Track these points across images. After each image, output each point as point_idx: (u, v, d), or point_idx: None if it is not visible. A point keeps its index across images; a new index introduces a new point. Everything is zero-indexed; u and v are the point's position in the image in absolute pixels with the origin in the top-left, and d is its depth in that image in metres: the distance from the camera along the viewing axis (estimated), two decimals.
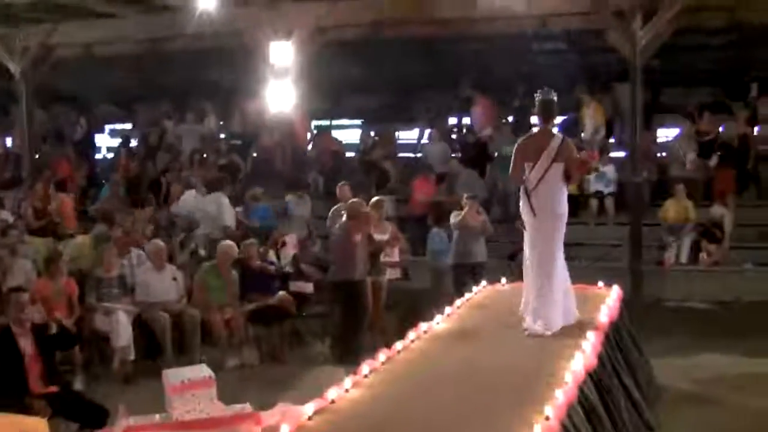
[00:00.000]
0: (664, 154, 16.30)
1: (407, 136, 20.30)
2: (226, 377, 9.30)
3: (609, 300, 8.44)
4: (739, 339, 10.91)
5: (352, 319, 10.25)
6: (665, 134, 17.53)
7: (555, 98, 7.87)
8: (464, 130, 18.31)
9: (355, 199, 10.90)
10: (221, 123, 18.94)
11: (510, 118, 17.83)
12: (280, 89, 14.17)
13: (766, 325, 11.70)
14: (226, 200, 13.73)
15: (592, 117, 15.77)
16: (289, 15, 14.29)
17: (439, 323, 7.82)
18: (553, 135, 7.71)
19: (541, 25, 13.55)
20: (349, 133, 20.92)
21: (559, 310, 7.61)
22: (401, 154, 19.25)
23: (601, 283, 9.26)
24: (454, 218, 11.96)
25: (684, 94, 17.01)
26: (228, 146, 18.07)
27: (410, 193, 15.81)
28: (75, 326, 9.53)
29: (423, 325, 7.58)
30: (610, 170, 15.02)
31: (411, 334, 7.28)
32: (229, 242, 11.16)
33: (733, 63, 16.58)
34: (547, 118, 7.80)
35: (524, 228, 7.77)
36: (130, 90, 21.21)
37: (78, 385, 9.10)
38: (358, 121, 20.96)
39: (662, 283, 13.61)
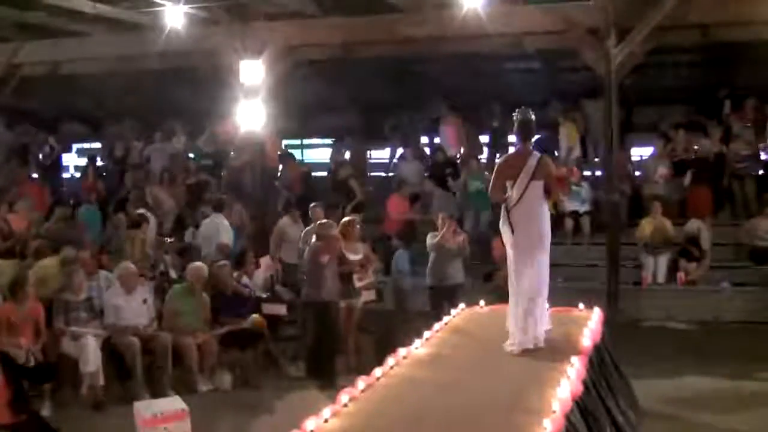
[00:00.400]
0: (638, 173, 16.21)
1: (379, 155, 20.18)
2: (199, 402, 9.19)
3: (591, 323, 8.25)
4: (721, 360, 10.88)
5: (323, 340, 10.21)
6: (639, 153, 17.51)
7: (533, 117, 7.83)
8: (435, 150, 18.12)
9: (323, 221, 10.85)
10: (190, 142, 18.64)
11: (485, 138, 17.75)
12: (251, 108, 14.04)
13: (746, 345, 11.81)
14: (225, 222, 13.63)
15: (566, 136, 15.71)
16: (259, 34, 14.16)
17: (419, 348, 7.61)
18: (531, 153, 7.67)
19: (515, 44, 13.42)
20: (320, 152, 20.78)
21: (541, 321, 7.60)
22: (373, 173, 19.12)
23: (581, 305, 9.09)
24: (430, 239, 11.78)
25: (656, 112, 16.93)
26: (197, 165, 17.81)
27: (382, 213, 15.58)
28: (42, 352, 9.24)
29: (402, 350, 7.36)
30: (584, 189, 14.91)
31: (390, 360, 7.06)
32: (199, 264, 10.93)
33: (706, 81, 16.60)
34: (525, 137, 7.75)
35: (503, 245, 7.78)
36: (97, 109, 20.84)
37: (46, 411, 8.80)
38: (328, 140, 20.72)
39: (640, 303, 13.56)
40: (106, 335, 9.74)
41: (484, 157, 18.28)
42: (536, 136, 8.36)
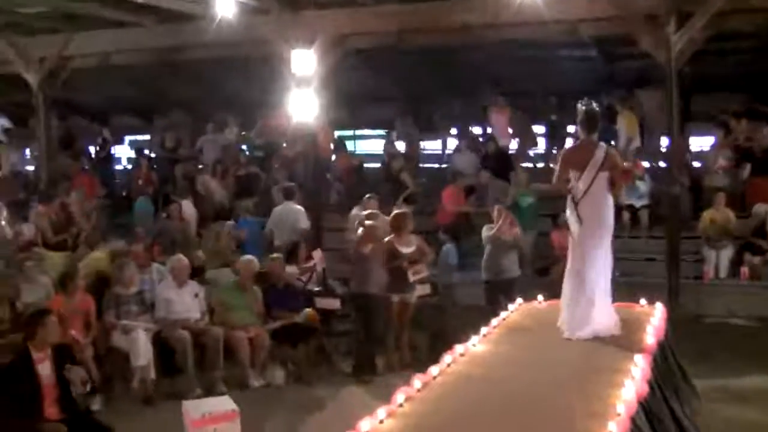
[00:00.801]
0: (696, 164, 15.77)
1: (432, 146, 19.95)
2: (251, 397, 9.16)
3: (654, 319, 7.97)
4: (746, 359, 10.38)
5: (369, 334, 10.13)
6: (698, 143, 17.04)
7: (598, 109, 7.93)
8: (487, 140, 17.80)
9: (369, 211, 10.87)
10: (243, 134, 18.54)
11: (540, 128, 17.40)
12: (303, 99, 13.87)
13: None
14: (299, 207, 13.68)
15: (625, 126, 15.28)
16: (310, 23, 13.97)
17: (476, 345, 7.38)
18: (598, 145, 7.75)
19: (570, 31, 13.05)
20: (372, 143, 20.60)
21: (606, 318, 7.64)
22: (426, 165, 18.87)
23: (643, 301, 8.79)
24: (486, 231, 11.52)
25: (715, 101, 16.40)
26: (248, 157, 17.73)
27: (436, 205, 15.33)
28: (92, 345, 9.21)
29: (459, 347, 7.13)
30: (644, 183, 14.48)
31: (447, 357, 6.83)
32: (249, 257, 10.78)
33: (766, 67, 16.07)
34: (591, 129, 7.81)
35: (573, 236, 7.78)
36: (148, 100, 20.87)
37: (96, 406, 8.71)
38: (380, 131, 20.50)
39: (700, 298, 13.10)
40: (156, 329, 9.63)
41: (541, 149, 18.04)
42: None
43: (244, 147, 18.52)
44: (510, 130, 17.32)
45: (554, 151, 17.12)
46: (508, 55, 16.61)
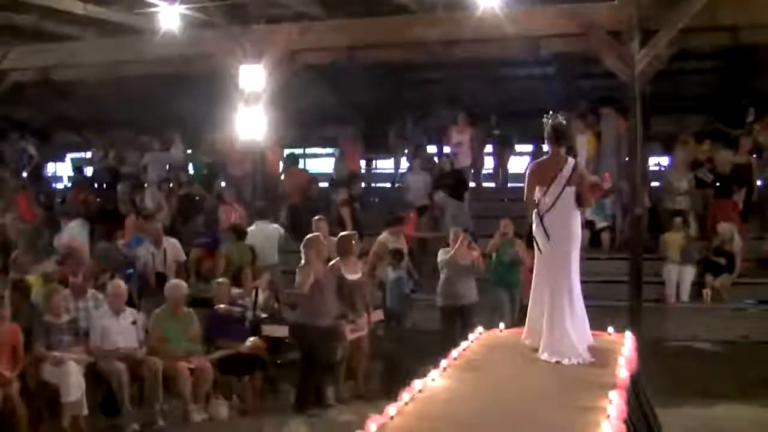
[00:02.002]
0: (655, 184, 15.44)
1: (384, 165, 19.45)
2: None
3: (625, 349, 7.47)
4: (755, 385, 10.20)
5: (314, 366, 9.62)
6: (655, 163, 16.74)
7: (565, 122, 7.57)
8: (441, 159, 17.34)
9: (310, 236, 10.33)
10: (188, 151, 17.85)
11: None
12: (251, 116, 13.31)
13: None
14: (274, 225, 13.54)
15: (584, 146, 14.87)
16: (260, 37, 13.44)
17: (435, 379, 6.78)
18: (566, 160, 7.44)
19: (532, 48, 12.65)
20: (322, 162, 20.06)
21: (577, 336, 7.28)
22: (378, 185, 18.35)
23: (611, 328, 8.30)
24: (442, 255, 11.04)
25: (674, 121, 16.11)
26: (188, 177, 17.03)
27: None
28: (20, 378, 8.49)
29: (417, 383, 6.54)
30: (608, 203, 14.10)
31: (404, 395, 6.24)
32: (176, 281, 10.14)
33: (726, 88, 15.89)
34: (558, 142, 7.45)
35: (540, 251, 7.46)
36: (91, 117, 20.06)
37: None
38: (330, 150, 19.95)
39: (662, 322, 12.75)
40: (90, 360, 8.95)
41: (489, 168, 17.59)
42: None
43: (190, 165, 17.83)
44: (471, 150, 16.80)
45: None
46: (468, 74, 16.25)
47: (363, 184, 16.91)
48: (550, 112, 7.53)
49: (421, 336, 11.30)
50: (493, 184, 17.50)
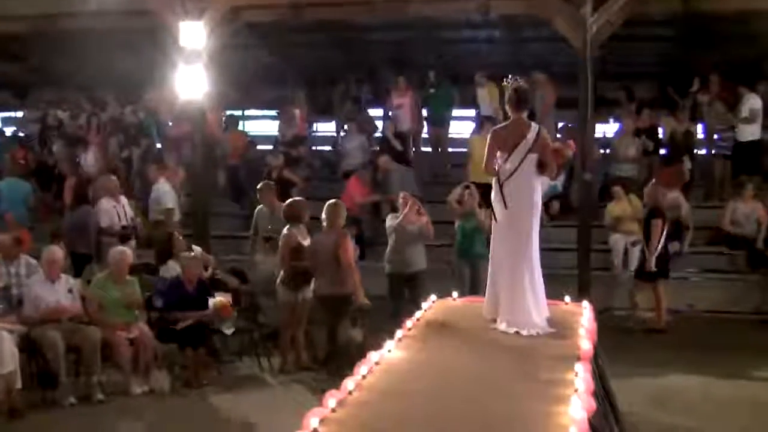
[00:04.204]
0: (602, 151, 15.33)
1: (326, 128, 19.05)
2: (132, 405, 8.41)
3: (584, 320, 7.29)
4: (702, 355, 10.19)
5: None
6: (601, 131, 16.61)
7: (526, 85, 7.31)
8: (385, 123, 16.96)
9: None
10: (123, 112, 17.18)
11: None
12: (191, 75, 12.79)
13: (728, 338, 11.22)
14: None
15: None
16: None
17: (391, 351, 6.51)
18: (530, 125, 7.18)
19: (481, 9, 12.33)
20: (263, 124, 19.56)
21: (536, 307, 7.12)
22: (318, 148, 17.97)
23: (568, 298, 8.13)
24: (390, 220, 10.76)
25: (621, 88, 15.96)
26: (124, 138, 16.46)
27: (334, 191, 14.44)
28: None
29: (374, 355, 6.27)
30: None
31: (362, 368, 5.96)
32: (121, 248, 9.69)
33: (677, 56, 15.81)
34: (520, 107, 7.19)
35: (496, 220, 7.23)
36: (22, 75, 19.21)
37: None
38: (271, 112, 19.44)
39: (609, 291, 12.68)
40: (24, 330, 8.48)
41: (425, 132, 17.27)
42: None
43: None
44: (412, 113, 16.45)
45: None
46: (410, 36, 15.89)
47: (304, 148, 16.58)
48: (510, 76, 7.26)
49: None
50: (430, 149, 17.17)
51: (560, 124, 15.24)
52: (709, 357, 10.11)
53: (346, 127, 16.69)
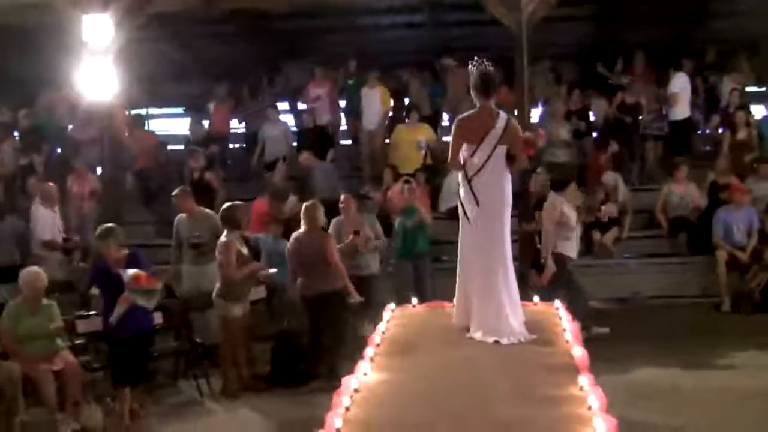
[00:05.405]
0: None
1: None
2: None
3: (564, 323, 6.71)
4: (663, 345, 9.87)
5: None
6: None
7: (492, 69, 6.52)
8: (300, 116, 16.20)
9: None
10: (19, 114, 15.88)
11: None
12: (97, 73, 11.81)
13: (682, 325, 10.91)
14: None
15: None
16: None
17: (367, 374, 5.75)
18: (498, 114, 6.48)
19: None
20: (170, 123, 18.52)
21: (513, 311, 6.51)
22: (235, 145, 17.06)
23: (536, 298, 7.55)
24: (335, 225, 10.20)
25: (550, 70, 15.54)
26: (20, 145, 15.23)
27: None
28: None
29: (352, 381, 5.52)
30: None
31: (343, 399, 5.21)
32: (34, 269, 8.52)
33: (599, 35, 15.52)
34: (487, 93, 6.48)
35: (468, 220, 6.57)
36: None
37: None
38: (179, 110, 18.41)
39: None
40: None
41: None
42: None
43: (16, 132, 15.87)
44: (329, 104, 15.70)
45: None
46: (324, 24, 15.20)
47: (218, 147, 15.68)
48: (476, 59, 6.52)
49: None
50: (350, 142, 16.49)
51: None
52: (668, 347, 9.78)
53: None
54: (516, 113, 11.63)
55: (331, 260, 9.12)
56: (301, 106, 16.55)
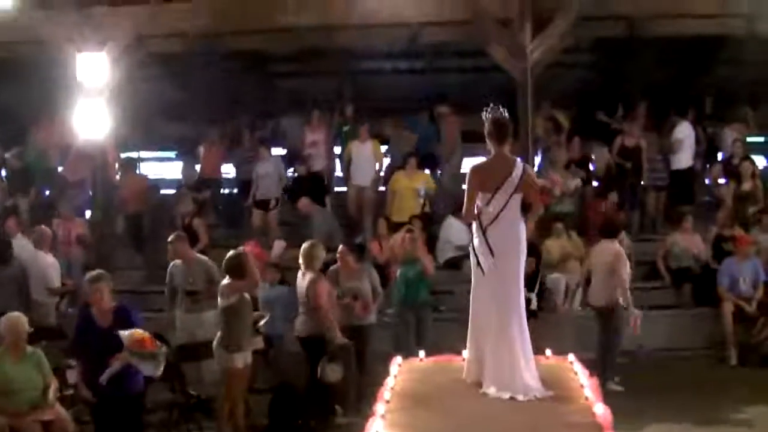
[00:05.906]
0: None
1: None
2: None
3: (582, 378, 6.41)
4: (673, 400, 9.60)
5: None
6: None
7: (507, 116, 6.39)
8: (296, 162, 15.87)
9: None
10: (8, 154, 15.55)
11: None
12: (91, 112, 11.60)
13: (690, 379, 10.68)
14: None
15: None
16: (102, 22, 11.75)
17: None
18: (514, 161, 6.30)
19: (412, 36, 11.57)
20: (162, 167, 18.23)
21: (528, 366, 6.27)
22: (226, 191, 16.76)
23: (549, 351, 7.24)
24: (331, 275, 9.81)
25: (548, 118, 15.26)
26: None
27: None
28: None
29: None
30: None
31: None
32: (14, 314, 8.01)
33: (598, 82, 15.43)
34: (501, 140, 6.32)
35: (483, 271, 6.31)
36: None
37: None
38: (171, 154, 18.14)
39: (553, 332, 11.88)
40: None
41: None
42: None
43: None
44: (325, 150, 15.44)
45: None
46: (321, 68, 15.09)
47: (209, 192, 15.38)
48: (491, 105, 6.35)
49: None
50: (345, 188, 16.17)
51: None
52: (678, 401, 9.52)
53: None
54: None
55: (314, 302, 9.06)
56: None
